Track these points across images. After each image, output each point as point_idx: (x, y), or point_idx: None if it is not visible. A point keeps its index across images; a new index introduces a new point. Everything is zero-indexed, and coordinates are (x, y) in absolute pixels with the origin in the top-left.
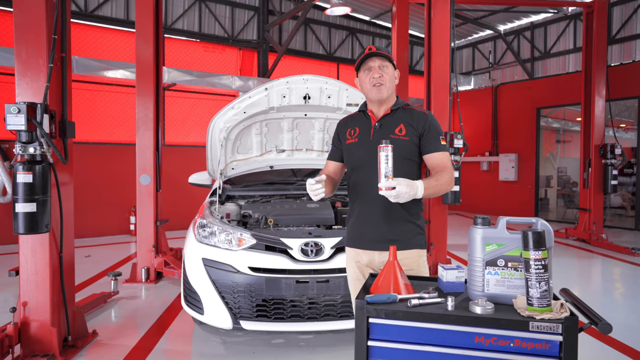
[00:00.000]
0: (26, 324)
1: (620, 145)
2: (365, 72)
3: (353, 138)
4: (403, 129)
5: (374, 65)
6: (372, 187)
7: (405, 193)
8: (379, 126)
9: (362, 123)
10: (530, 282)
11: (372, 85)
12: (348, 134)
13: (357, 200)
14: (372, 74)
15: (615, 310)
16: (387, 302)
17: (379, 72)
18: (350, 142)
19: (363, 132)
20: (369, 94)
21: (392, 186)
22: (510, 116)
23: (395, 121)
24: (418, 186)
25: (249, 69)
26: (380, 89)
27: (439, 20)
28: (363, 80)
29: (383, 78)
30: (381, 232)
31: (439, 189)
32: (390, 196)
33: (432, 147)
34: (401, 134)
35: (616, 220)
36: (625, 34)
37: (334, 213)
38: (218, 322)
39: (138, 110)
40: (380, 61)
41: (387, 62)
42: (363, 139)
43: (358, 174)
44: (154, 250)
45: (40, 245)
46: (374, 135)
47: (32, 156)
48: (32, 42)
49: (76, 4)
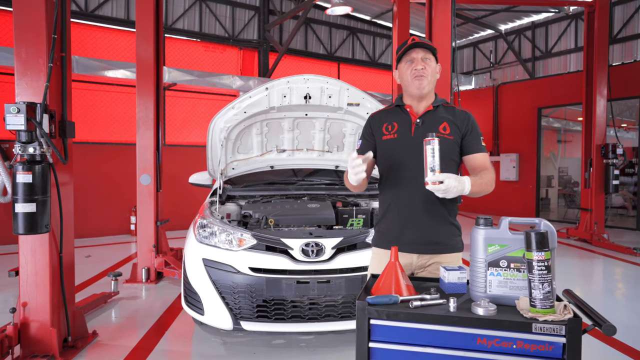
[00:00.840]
0: (26, 324)
1: (621, 145)
2: (407, 63)
3: (391, 134)
4: (447, 127)
5: (417, 57)
6: (413, 186)
7: (454, 187)
8: (420, 123)
9: (400, 118)
10: (533, 284)
11: (414, 77)
12: (385, 129)
13: (394, 199)
14: (414, 65)
15: (617, 311)
16: (389, 303)
17: (422, 64)
18: (388, 137)
19: (403, 128)
20: (409, 87)
21: (440, 180)
22: (511, 116)
23: (438, 119)
24: (465, 181)
25: (250, 69)
26: (421, 82)
27: (440, 19)
28: (404, 72)
29: (425, 70)
30: (424, 234)
31: (483, 188)
32: (438, 190)
33: (475, 147)
34: (445, 132)
35: (617, 220)
36: (626, 33)
37: (334, 213)
38: (218, 322)
39: (138, 110)
40: (423, 53)
41: (430, 54)
42: (403, 136)
43: (397, 171)
44: (154, 250)
45: (40, 245)
46: (415, 132)
47: (32, 156)
48: (31, 41)
49: (76, 3)
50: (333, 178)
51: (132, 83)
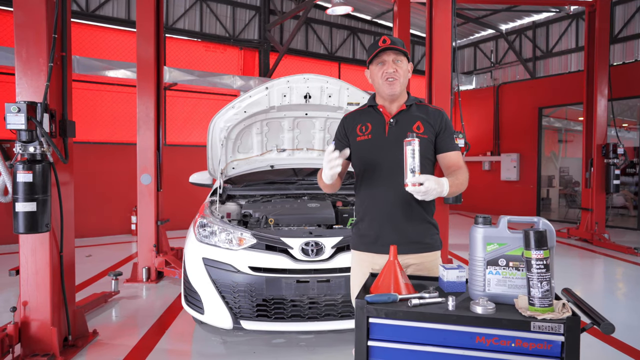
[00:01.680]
0: (26, 323)
1: (622, 145)
2: (377, 65)
3: (365, 135)
4: (421, 127)
5: (388, 59)
6: (389, 186)
7: (434, 189)
8: (394, 123)
9: (374, 119)
10: (532, 282)
11: (385, 80)
12: (359, 130)
13: (370, 200)
14: (385, 68)
15: (617, 310)
16: (388, 302)
17: (393, 66)
18: (363, 138)
19: (377, 129)
20: (381, 88)
21: (421, 182)
22: (512, 116)
23: (412, 118)
24: (444, 183)
25: (251, 69)
26: (393, 85)
27: (441, 19)
28: (375, 74)
29: (397, 73)
30: (403, 234)
31: (459, 188)
32: (418, 192)
33: (448, 145)
34: (419, 132)
35: (618, 220)
36: (627, 33)
37: (334, 212)
38: (218, 321)
39: (139, 110)
40: (394, 55)
41: (401, 56)
42: (377, 136)
43: (372, 172)
44: (154, 249)
45: (41, 244)
46: (389, 132)
47: (32, 155)
48: (32, 41)
49: (77, 3)
50: None
51: (133, 83)
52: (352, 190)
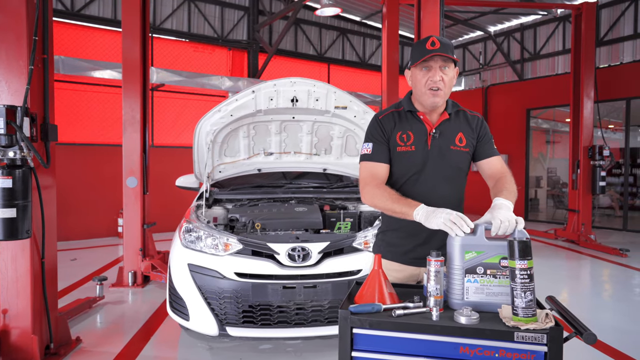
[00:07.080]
0: (6, 332)
1: (608, 147)
2: (422, 70)
3: (407, 146)
4: (463, 139)
5: (435, 65)
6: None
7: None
8: (437, 135)
9: (414, 128)
10: (516, 292)
11: (429, 89)
12: (399, 139)
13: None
14: (430, 75)
15: (603, 312)
16: (372, 312)
17: (439, 74)
18: (405, 150)
19: (418, 140)
20: (422, 97)
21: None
22: (500, 117)
23: (454, 129)
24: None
25: (239, 70)
26: (437, 95)
27: (429, 21)
28: (418, 80)
29: (443, 82)
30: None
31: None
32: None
33: (490, 151)
34: (461, 145)
35: (605, 221)
36: (613, 36)
37: (322, 217)
38: (204, 328)
39: (125, 112)
40: (442, 61)
41: (450, 62)
42: (419, 148)
43: (411, 185)
44: (141, 253)
45: (21, 251)
46: (432, 145)
47: (12, 160)
48: (12, 43)
49: (62, 3)
50: (321, 181)
51: (119, 84)
52: (340, 194)
